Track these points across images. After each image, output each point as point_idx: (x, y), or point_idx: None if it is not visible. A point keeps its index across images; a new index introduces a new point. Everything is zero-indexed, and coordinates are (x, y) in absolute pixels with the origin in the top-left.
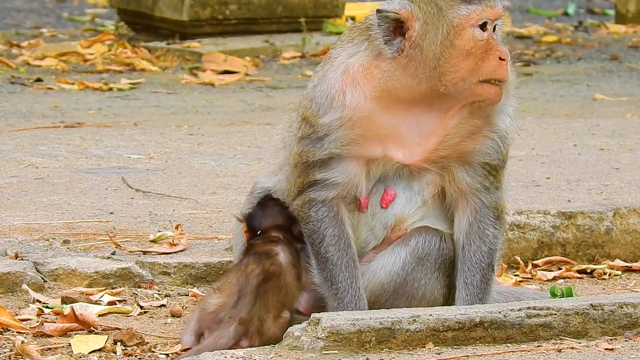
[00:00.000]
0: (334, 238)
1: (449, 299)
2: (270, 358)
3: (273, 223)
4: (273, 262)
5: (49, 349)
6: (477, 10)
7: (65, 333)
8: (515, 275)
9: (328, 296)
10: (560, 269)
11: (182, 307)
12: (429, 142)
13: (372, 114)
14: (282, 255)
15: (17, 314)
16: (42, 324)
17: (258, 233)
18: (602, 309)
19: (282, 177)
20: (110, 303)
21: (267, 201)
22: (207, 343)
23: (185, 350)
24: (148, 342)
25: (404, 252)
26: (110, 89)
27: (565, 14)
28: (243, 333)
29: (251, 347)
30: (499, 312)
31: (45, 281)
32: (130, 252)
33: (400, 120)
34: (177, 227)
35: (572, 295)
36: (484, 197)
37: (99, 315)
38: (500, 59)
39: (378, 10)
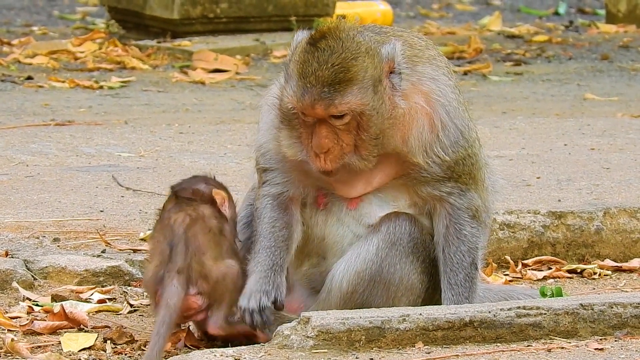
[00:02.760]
0: (271, 219)
1: (428, 288)
2: (260, 357)
3: (195, 187)
4: (195, 208)
5: (39, 346)
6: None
7: (55, 331)
8: (505, 275)
9: (249, 265)
10: (550, 268)
11: None
12: (361, 184)
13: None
14: (203, 206)
15: (7, 312)
16: (32, 321)
17: (179, 192)
18: (592, 309)
19: None
20: (100, 301)
21: (198, 175)
22: (162, 308)
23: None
24: (138, 340)
25: (376, 239)
26: (101, 87)
27: (556, 13)
28: (187, 281)
29: (200, 294)
30: (489, 312)
31: (35, 279)
32: (120, 250)
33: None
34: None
35: (562, 295)
36: (453, 200)
37: (89, 313)
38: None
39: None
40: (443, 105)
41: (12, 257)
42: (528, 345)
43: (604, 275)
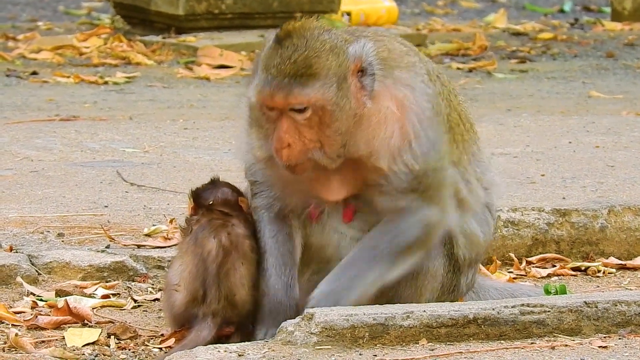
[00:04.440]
0: (272, 232)
1: (449, 272)
2: (264, 353)
3: (224, 198)
4: (230, 231)
5: (43, 341)
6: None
7: (59, 326)
8: (509, 272)
9: (261, 285)
10: (554, 266)
11: None
12: (336, 186)
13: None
14: (234, 222)
15: (11, 307)
16: (36, 316)
17: (210, 204)
18: (596, 307)
19: None
20: (104, 296)
21: (216, 180)
22: (191, 338)
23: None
24: (142, 336)
25: None
26: (106, 83)
27: (561, 11)
28: (221, 322)
29: (232, 323)
30: (493, 309)
31: (39, 274)
32: (125, 245)
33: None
34: (171, 221)
35: (566, 293)
36: (405, 214)
37: (93, 309)
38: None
39: None
40: (416, 114)
41: (17, 252)
42: (532, 343)
43: (608, 273)
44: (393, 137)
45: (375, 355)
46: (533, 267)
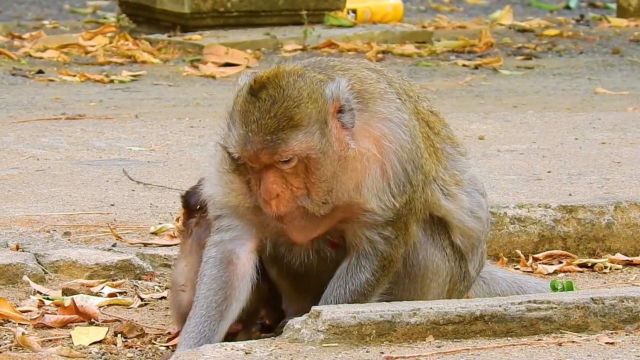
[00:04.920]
0: (209, 278)
1: (455, 260)
2: (271, 350)
3: None
4: None
5: (50, 340)
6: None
7: (65, 325)
8: (516, 269)
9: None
10: (561, 262)
11: None
12: (310, 228)
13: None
14: None
15: (17, 306)
16: (43, 315)
17: (197, 209)
18: (603, 303)
19: None
20: (111, 295)
21: (201, 181)
22: None
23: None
24: (148, 334)
25: None
26: (112, 81)
27: (567, 7)
28: None
29: (239, 321)
30: (500, 306)
31: (46, 273)
32: (131, 244)
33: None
34: (177, 220)
35: (572, 289)
36: (381, 247)
37: (100, 307)
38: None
39: None
40: (395, 152)
41: (23, 251)
42: (539, 339)
43: (615, 269)
44: (376, 177)
45: (382, 353)
46: (540, 263)
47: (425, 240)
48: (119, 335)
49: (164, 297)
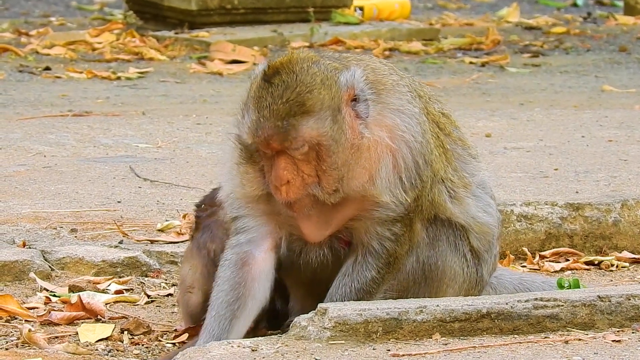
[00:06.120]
0: (223, 279)
1: (471, 266)
2: (277, 348)
3: (204, 200)
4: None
5: (56, 337)
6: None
7: (72, 322)
8: (522, 267)
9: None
10: (567, 260)
11: None
12: (322, 224)
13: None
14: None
15: (24, 302)
16: (49, 312)
17: (201, 207)
18: (610, 301)
19: None
20: (118, 292)
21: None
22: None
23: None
24: (155, 331)
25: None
26: (119, 78)
27: (574, 5)
28: None
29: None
30: (506, 303)
31: (52, 270)
32: (138, 241)
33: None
34: (184, 217)
35: (579, 287)
36: (389, 245)
37: (106, 304)
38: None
39: None
40: (407, 143)
41: (30, 248)
42: (545, 337)
43: (622, 267)
44: (389, 169)
45: (389, 350)
46: (546, 261)
47: (447, 247)
48: (126, 332)
49: (170, 294)
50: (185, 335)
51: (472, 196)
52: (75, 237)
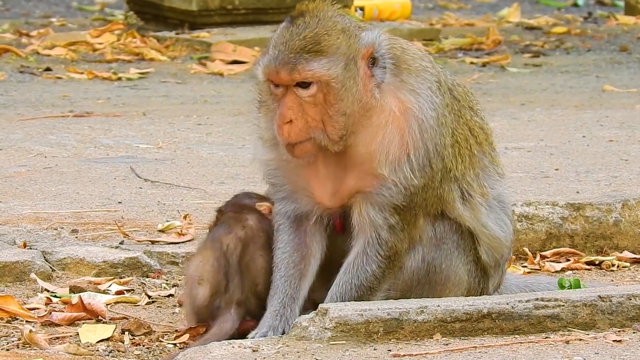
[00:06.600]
0: (283, 242)
1: (476, 277)
2: (278, 348)
3: (239, 202)
4: (244, 225)
5: (57, 338)
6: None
7: (73, 322)
8: (523, 267)
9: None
10: (568, 260)
11: None
12: (331, 187)
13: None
14: (250, 217)
15: (25, 303)
16: (50, 313)
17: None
18: (610, 301)
19: None
20: (118, 292)
21: (238, 193)
22: (214, 331)
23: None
24: (156, 332)
25: (420, 246)
26: (119, 79)
27: (575, 5)
28: (245, 312)
29: (254, 316)
30: (507, 304)
31: (53, 270)
32: (139, 241)
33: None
34: (185, 217)
35: (580, 287)
36: (384, 235)
37: (107, 305)
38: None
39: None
40: (418, 121)
41: (31, 249)
42: (546, 337)
43: (622, 267)
44: (393, 143)
45: (390, 350)
46: (547, 261)
47: (454, 249)
48: (127, 332)
49: (171, 295)
50: (187, 336)
51: (487, 206)
52: (76, 237)
